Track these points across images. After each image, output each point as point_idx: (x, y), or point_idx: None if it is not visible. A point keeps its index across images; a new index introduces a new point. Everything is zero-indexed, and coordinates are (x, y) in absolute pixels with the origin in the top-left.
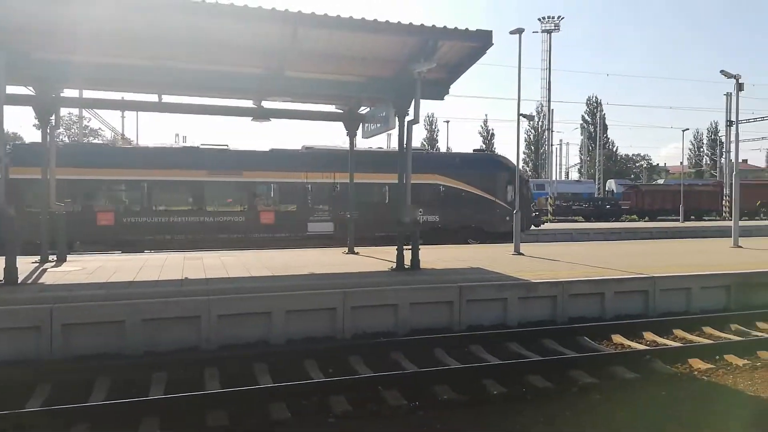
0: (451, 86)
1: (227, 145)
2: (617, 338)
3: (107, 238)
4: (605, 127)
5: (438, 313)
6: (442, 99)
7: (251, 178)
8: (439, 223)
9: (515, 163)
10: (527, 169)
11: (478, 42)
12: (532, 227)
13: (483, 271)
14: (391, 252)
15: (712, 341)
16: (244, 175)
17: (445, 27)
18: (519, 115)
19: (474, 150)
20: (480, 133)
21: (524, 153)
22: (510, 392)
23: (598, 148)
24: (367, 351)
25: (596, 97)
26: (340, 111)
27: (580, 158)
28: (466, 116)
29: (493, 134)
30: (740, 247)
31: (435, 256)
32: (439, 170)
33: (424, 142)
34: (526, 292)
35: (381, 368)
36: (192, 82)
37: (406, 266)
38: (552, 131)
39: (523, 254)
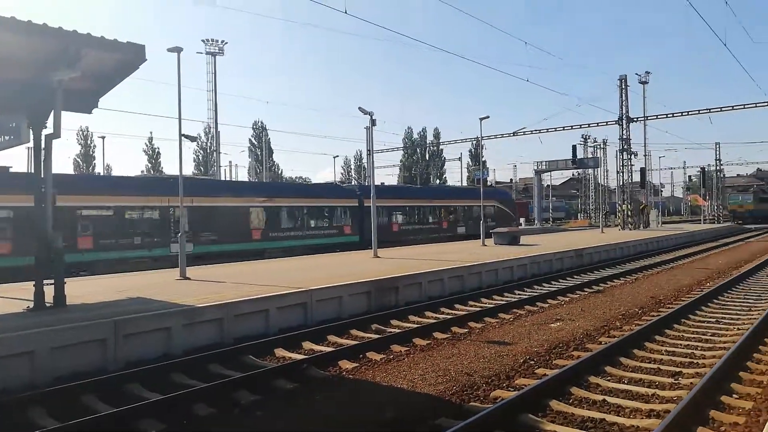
0: (103, 99)
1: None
2: (280, 351)
3: (397, 239)
4: (271, 151)
5: (89, 354)
6: (90, 112)
7: (439, 203)
8: (495, 227)
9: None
10: None
11: (130, 55)
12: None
13: (144, 300)
14: (30, 289)
15: (357, 342)
16: (434, 201)
17: (89, 34)
18: (181, 135)
19: (500, 187)
20: (145, 151)
21: (193, 173)
22: (168, 428)
23: (264, 170)
24: None
25: (262, 122)
26: None
27: (249, 180)
28: (131, 133)
29: (159, 153)
30: (379, 257)
31: (86, 290)
32: (495, 198)
33: (78, 159)
34: (190, 318)
35: None
36: None
37: (48, 304)
38: (220, 153)
39: (190, 278)
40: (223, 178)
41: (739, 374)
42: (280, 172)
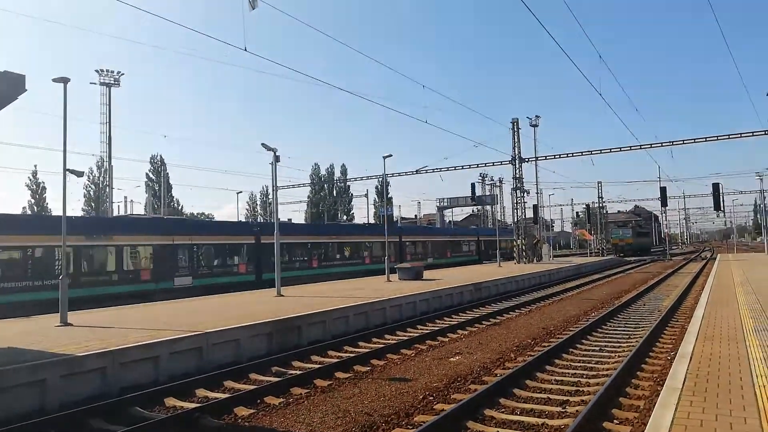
0: None
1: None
2: (170, 401)
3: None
4: (170, 186)
5: None
6: None
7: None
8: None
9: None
10: None
11: (6, 85)
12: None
13: (16, 352)
14: None
15: (255, 386)
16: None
17: None
18: (65, 169)
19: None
20: (28, 186)
21: (83, 210)
22: None
23: (163, 206)
24: None
25: (160, 156)
26: None
27: (146, 215)
28: (13, 166)
29: (44, 188)
30: (282, 295)
31: None
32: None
33: None
34: (69, 369)
35: None
36: None
37: None
38: (113, 188)
39: (72, 324)
40: (119, 214)
41: (620, 399)
42: (180, 207)
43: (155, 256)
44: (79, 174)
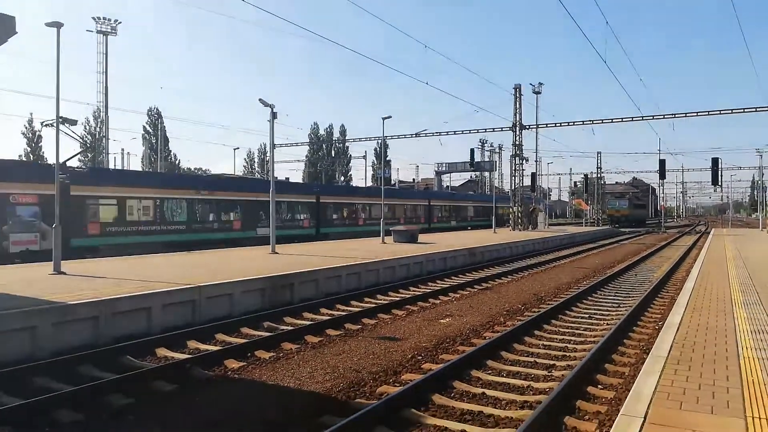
0: None
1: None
2: (162, 351)
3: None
4: (167, 140)
5: None
6: None
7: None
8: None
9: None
10: None
11: None
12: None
13: (8, 297)
14: None
15: (246, 340)
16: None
17: None
18: (58, 117)
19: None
20: (24, 134)
21: (79, 160)
22: None
23: (159, 159)
24: None
25: (157, 109)
26: None
27: (142, 168)
28: (8, 113)
29: (40, 136)
30: (277, 253)
31: None
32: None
33: None
34: (61, 317)
35: None
36: None
37: None
38: (108, 139)
39: (65, 273)
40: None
41: (605, 366)
42: (177, 162)
43: (244, 210)
44: (73, 122)
